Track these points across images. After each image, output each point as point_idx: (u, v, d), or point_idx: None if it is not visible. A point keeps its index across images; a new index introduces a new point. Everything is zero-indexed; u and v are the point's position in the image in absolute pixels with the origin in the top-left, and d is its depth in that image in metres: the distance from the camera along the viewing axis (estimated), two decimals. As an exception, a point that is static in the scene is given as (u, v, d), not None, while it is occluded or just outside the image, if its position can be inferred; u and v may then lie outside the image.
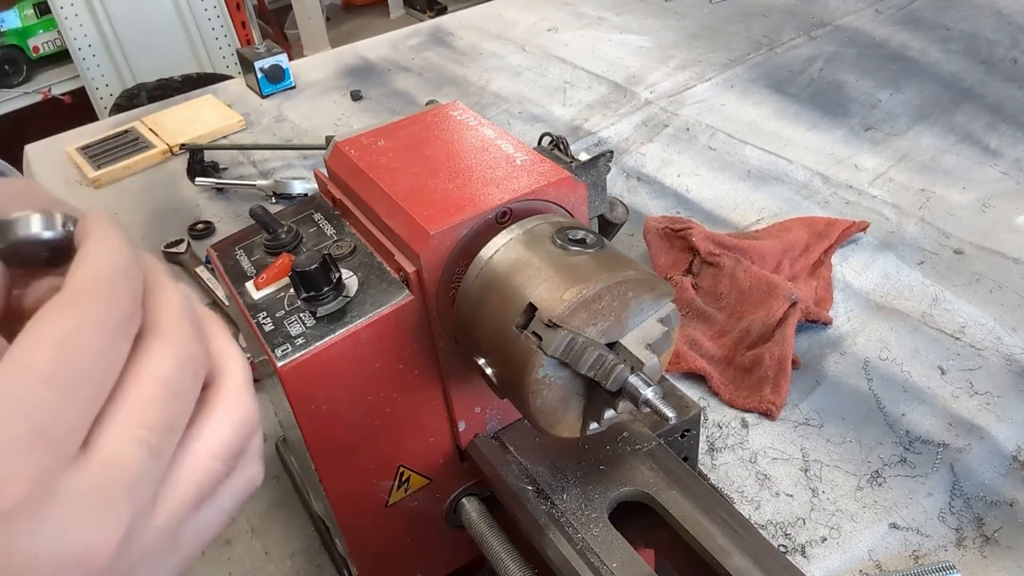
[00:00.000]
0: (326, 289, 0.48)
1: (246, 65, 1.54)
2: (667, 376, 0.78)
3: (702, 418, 0.73)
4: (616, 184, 1.17)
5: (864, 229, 1.01)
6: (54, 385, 0.26)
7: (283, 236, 0.55)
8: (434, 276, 0.49)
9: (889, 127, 1.25)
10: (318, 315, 0.49)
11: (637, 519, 0.54)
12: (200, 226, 1.17)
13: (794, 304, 0.85)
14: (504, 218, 0.50)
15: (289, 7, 3.67)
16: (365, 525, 0.57)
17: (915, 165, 1.15)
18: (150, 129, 1.42)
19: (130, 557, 0.28)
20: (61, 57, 2.95)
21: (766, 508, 0.72)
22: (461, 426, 0.57)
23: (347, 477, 0.54)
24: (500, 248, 0.47)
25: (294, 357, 0.47)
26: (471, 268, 0.48)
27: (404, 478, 0.57)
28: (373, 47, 1.71)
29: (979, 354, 0.84)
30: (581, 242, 0.46)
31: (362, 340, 0.48)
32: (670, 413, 0.42)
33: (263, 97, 1.52)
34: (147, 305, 0.30)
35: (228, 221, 1.19)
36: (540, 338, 0.43)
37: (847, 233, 0.99)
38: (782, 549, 0.69)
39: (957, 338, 0.86)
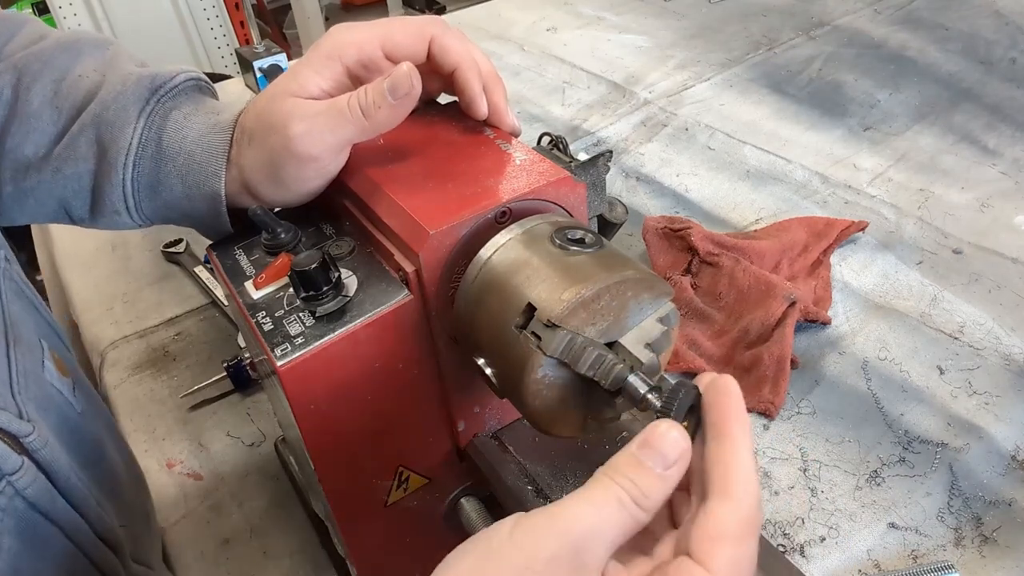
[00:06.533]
0: (325, 288, 0.48)
1: (245, 65, 1.53)
2: (666, 376, 0.78)
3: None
4: (615, 184, 1.17)
5: (863, 229, 1.01)
6: None
7: (282, 236, 0.55)
8: (433, 276, 0.49)
9: (888, 127, 1.25)
10: (317, 315, 0.48)
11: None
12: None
13: (793, 304, 0.85)
14: (503, 218, 0.50)
15: (288, 7, 3.67)
16: (364, 525, 0.57)
17: (914, 165, 1.15)
18: (149, 129, 1.41)
19: None
20: (60, 56, 2.96)
21: (765, 507, 0.72)
22: (460, 426, 0.57)
23: (346, 477, 0.54)
24: (499, 248, 0.47)
25: (293, 357, 0.46)
26: (470, 268, 0.48)
27: (403, 478, 0.57)
28: (372, 47, 1.71)
29: (978, 354, 0.84)
30: (580, 242, 0.46)
31: (361, 340, 0.48)
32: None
33: (262, 97, 1.52)
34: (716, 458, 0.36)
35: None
36: (539, 338, 0.43)
37: (846, 233, 0.99)
38: (781, 549, 0.69)
39: (956, 338, 0.86)
